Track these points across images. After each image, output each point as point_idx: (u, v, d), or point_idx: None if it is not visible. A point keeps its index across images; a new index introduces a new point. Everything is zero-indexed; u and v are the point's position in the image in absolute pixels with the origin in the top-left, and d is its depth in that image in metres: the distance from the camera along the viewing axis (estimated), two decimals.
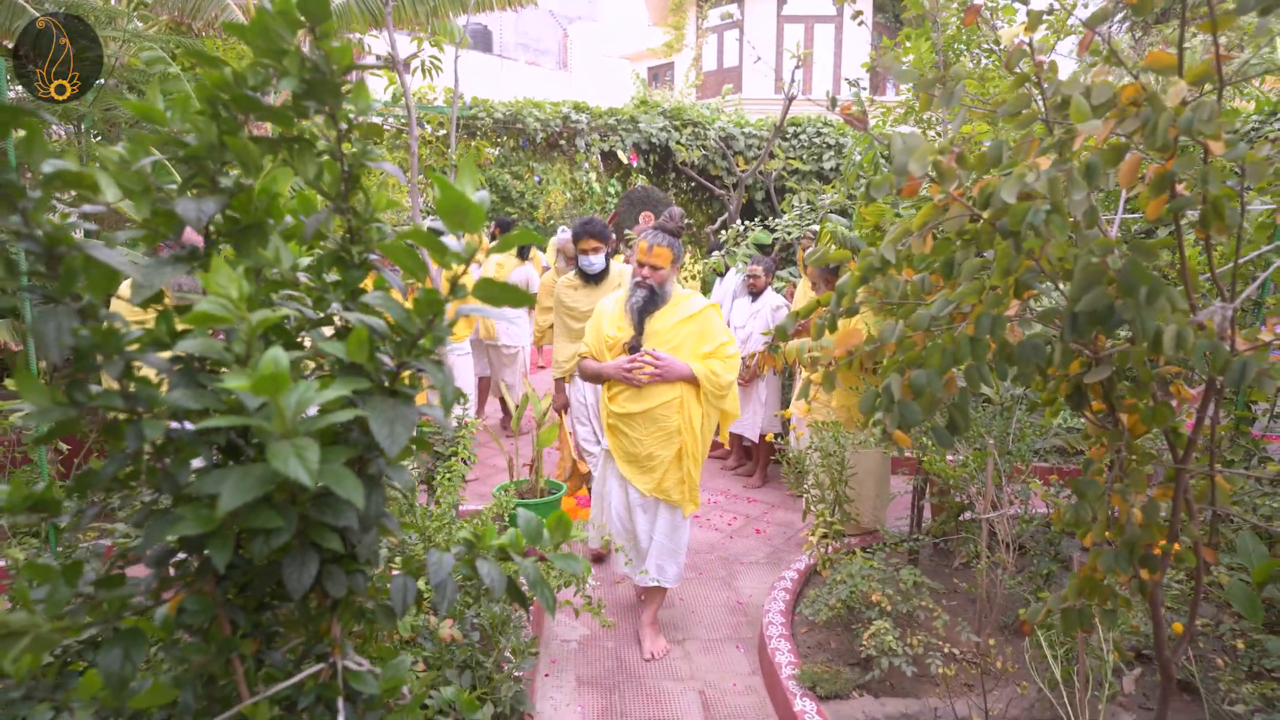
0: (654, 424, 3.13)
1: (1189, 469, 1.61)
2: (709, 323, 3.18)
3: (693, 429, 3.16)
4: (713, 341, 3.16)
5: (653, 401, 3.11)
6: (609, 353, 3.20)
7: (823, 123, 7.08)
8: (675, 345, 3.14)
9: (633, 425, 3.15)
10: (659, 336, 3.16)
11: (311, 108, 1.03)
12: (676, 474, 3.20)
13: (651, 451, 3.16)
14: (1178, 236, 1.39)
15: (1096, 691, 2.54)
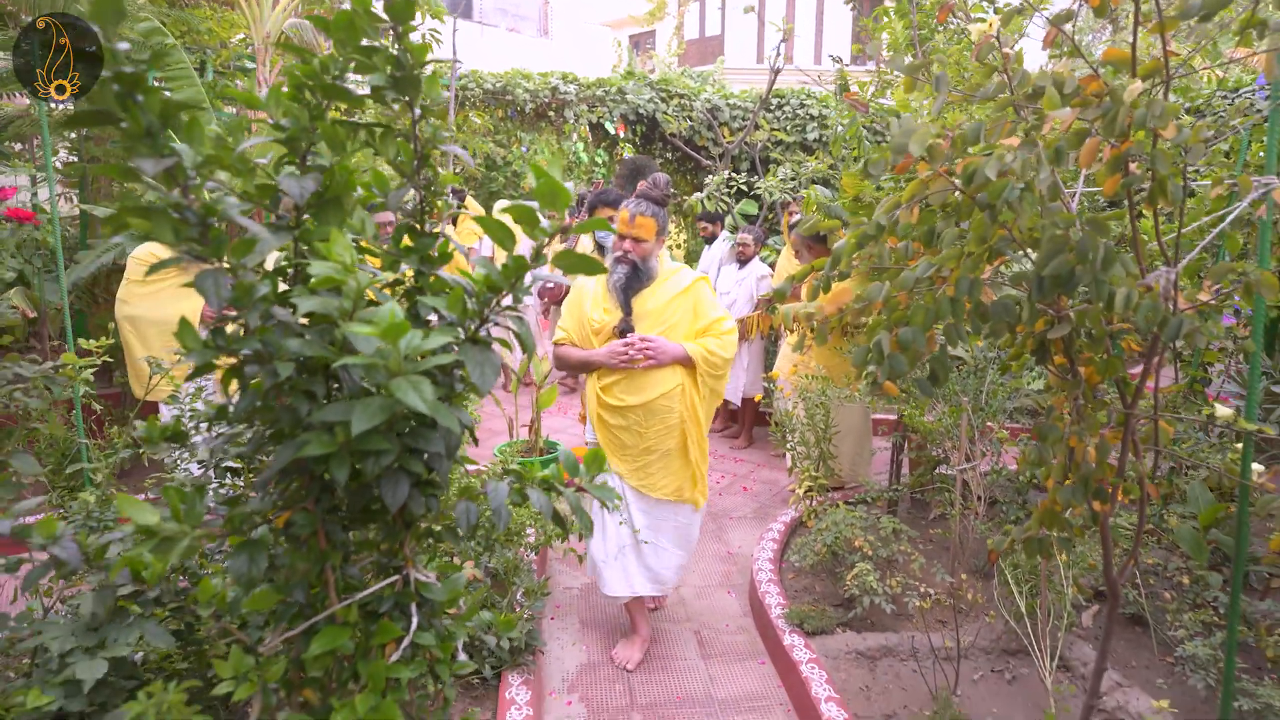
0: (654, 416, 2.84)
1: (1136, 414, 1.84)
2: (701, 297, 2.94)
3: (696, 417, 2.90)
4: (707, 317, 2.91)
5: (653, 392, 2.81)
6: (595, 339, 2.89)
7: (806, 95, 7.22)
8: (670, 325, 2.86)
9: (630, 419, 2.85)
10: (652, 317, 2.86)
11: (390, 96, 1.19)
12: (685, 469, 2.92)
13: (651, 446, 2.86)
14: (1130, 210, 1.59)
15: (1057, 623, 2.81)
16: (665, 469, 2.90)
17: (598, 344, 2.89)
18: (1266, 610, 2.78)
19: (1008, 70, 1.57)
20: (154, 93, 0.90)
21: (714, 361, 2.88)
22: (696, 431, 2.91)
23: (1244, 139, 3.41)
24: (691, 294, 2.92)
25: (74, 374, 1.78)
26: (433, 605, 1.37)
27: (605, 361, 2.82)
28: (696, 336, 2.89)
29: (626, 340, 2.80)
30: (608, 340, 2.87)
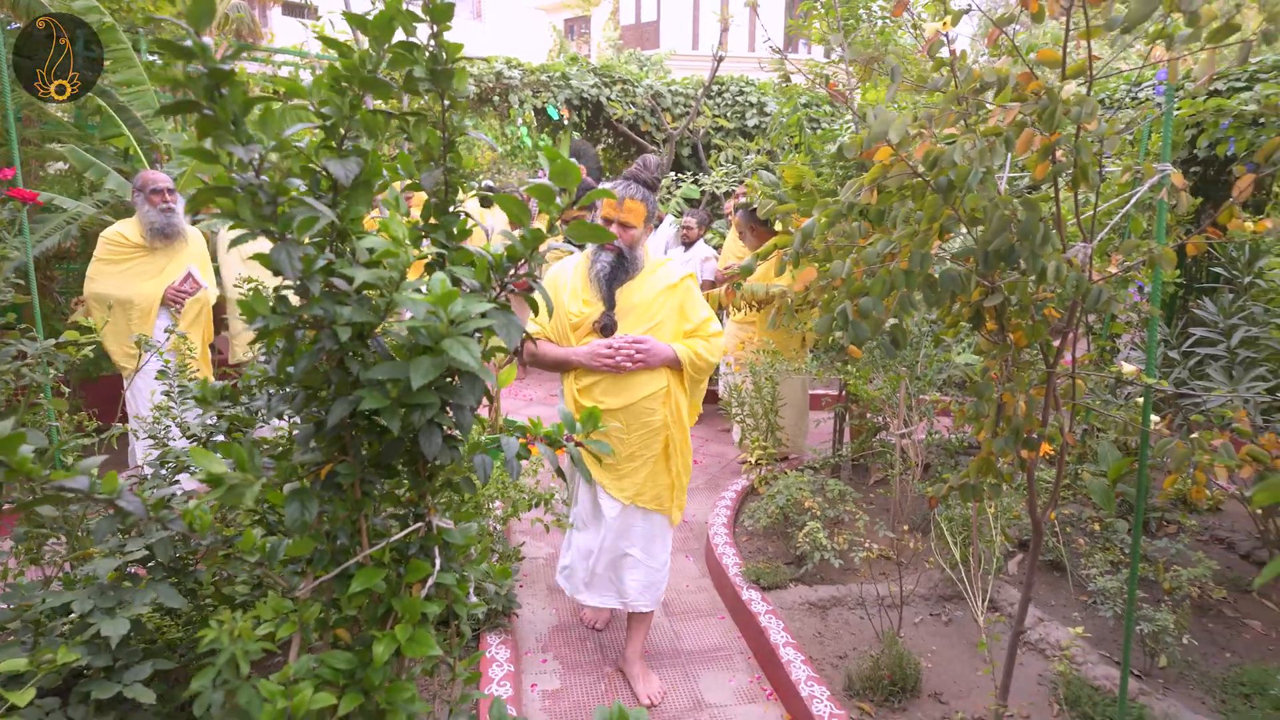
0: (637, 420, 2.61)
1: (1057, 374, 2.09)
2: (690, 294, 2.70)
3: (680, 422, 2.69)
4: (695, 317, 2.68)
5: (637, 394, 2.58)
6: (573, 334, 2.63)
7: (745, 82, 7.44)
8: (657, 322, 2.62)
9: (610, 423, 2.59)
10: (638, 312, 2.61)
11: (424, 87, 1.31)
12: (665, 477, 2.70)
13: (634, 452, 2.63)
14: (1055, 192, 1.83)
15: (987, 569, 3.10)
16: (647, 476, 2.67)
17: (575, 340, 2.62)
18: (1162, 548, 3.13)
19: (954, 66, 1.78)
20: (238, 86, 1.01)
21: (700, 366, 2.67)
22: (680, 437, 2.69)
23: (1145, 130, 3.76)
24: (680, 291, 2.68)
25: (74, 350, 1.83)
26: (451, 550, 1.51)
27: (585, 363, 2.56)
28: (683, 338, 2.67)
29: (608, 342, 2.55)
30: (587, 336, 2.62)
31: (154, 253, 3.71)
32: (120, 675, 1.69)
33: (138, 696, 1.63)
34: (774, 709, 2.69)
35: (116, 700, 1.66)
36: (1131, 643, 2.29)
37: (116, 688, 1.63)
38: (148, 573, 1.87)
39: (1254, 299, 3.30)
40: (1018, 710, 2.48)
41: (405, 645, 1.33)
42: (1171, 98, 1.99)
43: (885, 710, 2.55)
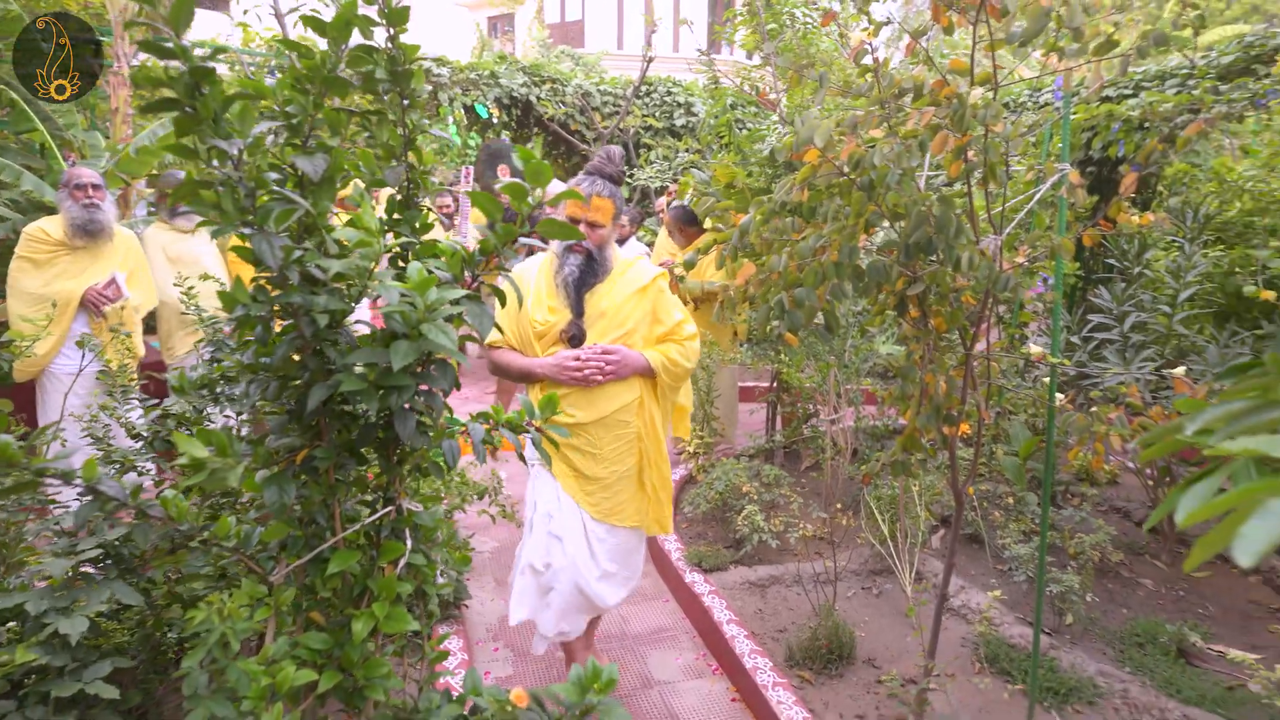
0: (609, 433, 2.42)
1: (974, 356, 2.28)
2: (662, 296, 2.52)
3: (655, 433, 2.52)
4: (668, 320, 2.50)
5: (609, 407, 2.40)
6: (538, 343, 2.40)
7: (672, 83, 7.60)
8: (628, 329, 2.43)
9: (581, 438, 2.41)
10: (607, 318, 2.41)
11: (384, 87, 1.37)
12: (640, 492, 2.52)
13: (609, 468, 2.45)
14: (968, 188, 2.00)
15: (913, 543, 3.31)
16: (624, 492, 2.48)
17: (541, 349, 2.41)
18: (1068, 517, 3.41)
19: (879, 74, 1.94)
20: (218, 84, 1.06)
21: (677, 373, 2.50)
22: (655, 450, 2.52)
23: (1047, 132, 4.06)
24: (651, 292, 2.49)
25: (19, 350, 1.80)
26: (420, 532, 1.57)
27: (551, 376, 2.35)
28: (656, 342, 2.50)
29: (576, 354, 2.35)
30: (553, 345, 2.41)
31: (76, 251, 3.58)
32: (79, 674, 1.68)
33: (100, 692, 1.63)
34: (720, 683, 2.82)
35: (75, 699, 1.66)
36: (1043, 603, 2.50)
37: (77, 685, 1.63)
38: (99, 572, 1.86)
39: (1143, 287, 3.62)
40: (944, 669, 2.67)
41: (383, 622, 1.39)
42: (1069, 103, 2.20)
43: (824, 677, 2.71)
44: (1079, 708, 2.52)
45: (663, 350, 2.47)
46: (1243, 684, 2.60)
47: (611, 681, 1.24)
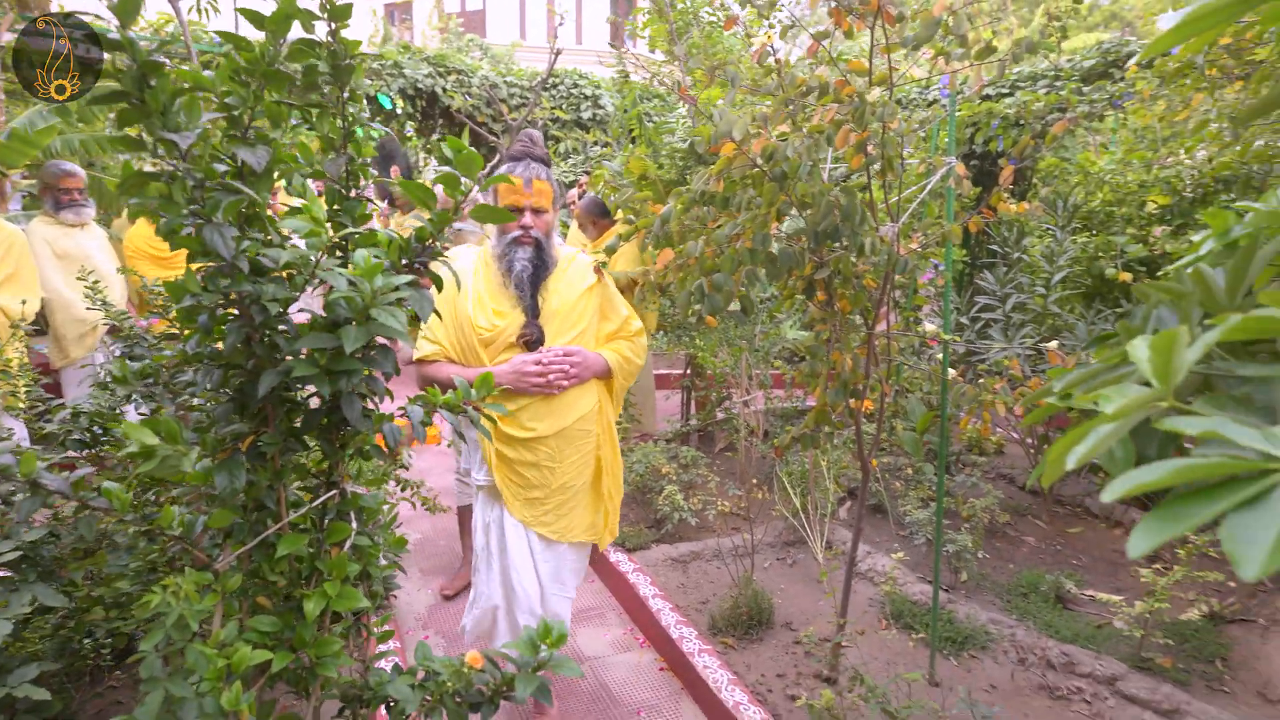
0: (570, 445, 2.21)
1: (876, 334, 2.47)
2: (610, 291, 2.37)
3: (612, 438, 2.37)
4: (616, 316, 2.36)
5: (570, 416, 2.19)
6: (483, 351, 2.15)
7: (578, 75, 7.65)
8: (582, 329, 2.24)
9: (540, 453, 2.17)
10: (561, 317, 2.21)
11: (325, 80, 1.41)
12: (596, 504, 2.36)
13: (566, 483, 2.23)
14: (868, 180, 2.18)
15: (823, 513, 3.52)
16: (579, 506, 2.30)
17: (487, 358, 2.16)
18: (960, 484, 3.70)
19: (781, 72, 2.08)
20: (166, 77, 1.08)
21: (630, 372, 2.35)
22: (611, 455, 2.36)
23: (935, 129, 4.36)
24: (599, 289, 2.32)
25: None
26: (364, 514, 1.62)
27: (510, 385, 2.10)
28: (606, 340, 2.34)
29: (537, 358, 2.12)
30: (504, 352, 2.16)
31: None
32: (3, 679, 1.64)
33: (30, 694, 1.60)
34: (648, 654, 2.94)
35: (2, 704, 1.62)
36: (940, 563, 2.73)
37: (3, 690, 1.60)
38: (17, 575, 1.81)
39: (1021, 271, 3.95)
40: (854, 627, 2.88)
41: (335, 600, 1.44)
42: (954, 102, 2.41)
43: (746, 642, 2.88)
44: (974, 653, 2.77)
45: (616, 349, 2.31)
46: (1109, 622, 2.91)
47: (562, 637, 1.32)
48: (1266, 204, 1.31)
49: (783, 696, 2.55)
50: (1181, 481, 0.68)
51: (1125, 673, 2.59)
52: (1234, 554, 0.59)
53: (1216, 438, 0.69)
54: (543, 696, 1.32)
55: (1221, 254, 1.53)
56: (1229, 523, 0.63)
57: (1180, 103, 3.79)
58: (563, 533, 2.27)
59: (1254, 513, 0.62)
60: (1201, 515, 0.65)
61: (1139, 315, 1.21)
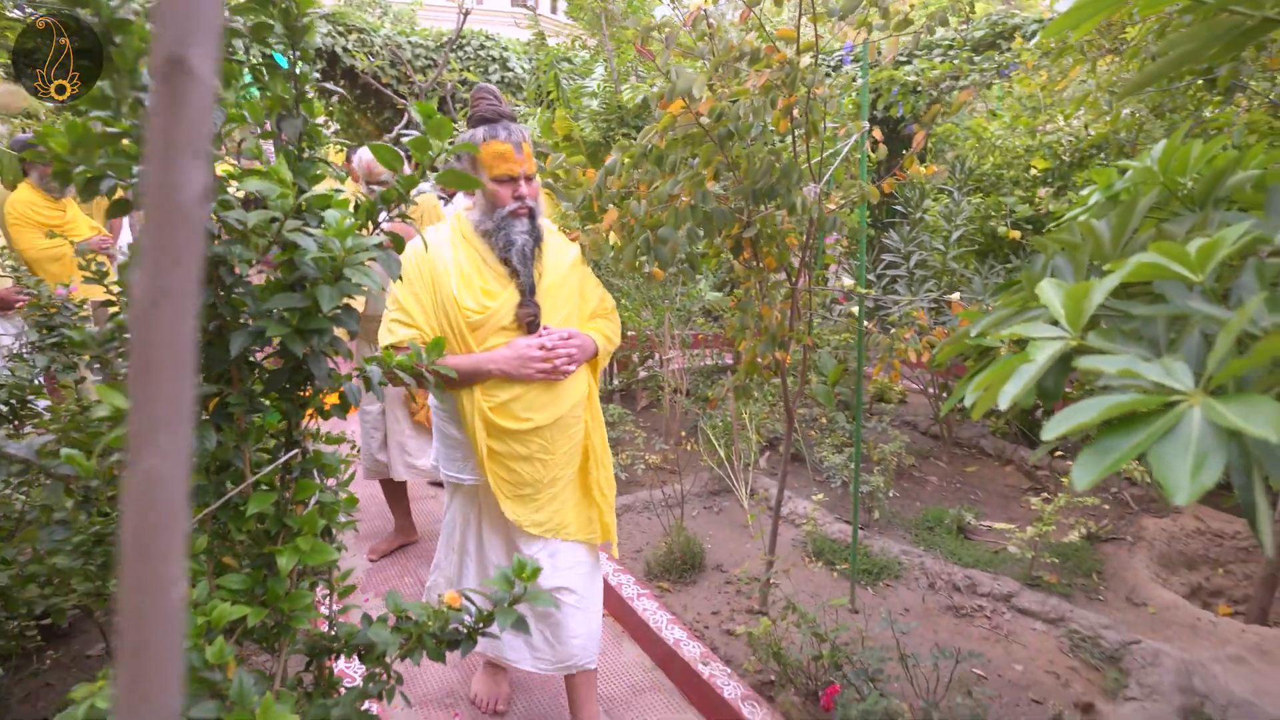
0: (563, 434, 2.05)
1: (799, 289, 2.63)
2: (587, 269, 2.20)
3: (599, 425, 2.20)
4: (594, 294, 2.19)
5: (566, 404, 2.03)
6: (471, 336, 1.94)
7: (485, 37, 7.50)
8: (571, 308, 2.09)
9: (533, 445, 2.00)
10: (550, 296, 2.03)
11: (275, 38, 1.40)
12: (587, 497, 2.18)
13: (557, 475, 2.06)
14: (793, 142, 2.30)
15: (746, 463, 3.71)
16: (570, 499, 2.13)
17: (475, 343, 1.95)
18: (871, 429, 3.96)
19: (713, 38, 2.17)
20: (132, 34, 1.07)
21: (609, 353, 2.20)
22: (600, 444, 2.18)
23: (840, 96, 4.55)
24: (581, 266, 2.15)
25: None
26: (325, 470, 1.65)
27: (510, 372, 1.92)
28: (591, 322, 2.18)
29: (541, 340, 1.95)
30: (495, 336, 1.96)
31: None
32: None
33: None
34: None
35: None
36: (858, 503, 2.96)
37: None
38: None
39: (923, 230, 4.21)
40: (781, 564, 3.08)
41: (306, 555, 1.47)
42: (867, 70, 2.56)
43: (681, 585, 3.04)
44: (889, 582, 3.02)
45: (598, 329, 2.15)
46: (1004, 547, 3.23)
47: (536, 571, 1.41)
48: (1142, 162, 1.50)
49: (719, 631, 2.72)
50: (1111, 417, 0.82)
51: (1019, 590, 2.89)
52: (1164, 483, 0.73)
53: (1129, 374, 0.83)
54: (520, 628, 1.40)
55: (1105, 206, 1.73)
56: (1153, 454, 0.76)
57: (1059, 74, 4.10)
58: (557, 529, 2.10)
59: (1171, 442, 0.76)
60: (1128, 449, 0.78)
61: (1039, 264, 1.38)
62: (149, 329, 0.34)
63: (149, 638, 0.36)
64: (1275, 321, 0.86)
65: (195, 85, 0.33)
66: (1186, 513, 3.45)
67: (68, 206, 4.41)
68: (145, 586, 0.36)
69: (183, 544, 0.37)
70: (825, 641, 2.28)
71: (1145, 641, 2.53)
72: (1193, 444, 0.76)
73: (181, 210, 0.34)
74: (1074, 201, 3.74)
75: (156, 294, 0.33)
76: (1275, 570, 2.80)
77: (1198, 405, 0.78)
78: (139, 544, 0.35)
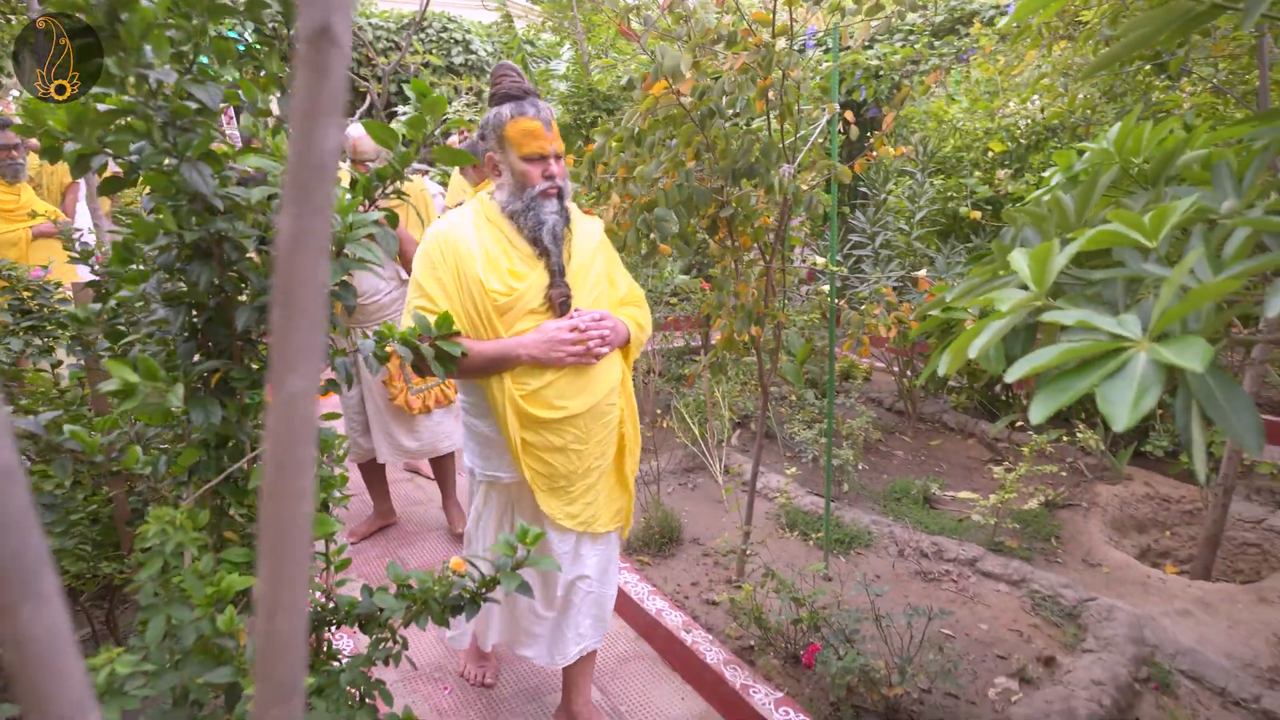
0: (597, 423, 1.97)
1: (773, 266, 2.71)
2: (613, 251, 2.12)
3: (633, 413, 2.11)
4: (623, 281, 2.12)
5: (601, 390, 1.95)
6: (498, 320, 1.86)
7: (447, 19, 7.43)
8: (601, 290, 2.01)
9: (568, 435, 1.92)
10: (578, 279, 1.95)
11: (269, 14, 1.42)
12: (621, 487, 2.12)
13: (591, 465, 1.99)
14: (768, 123, 2.37)
15: (720, 440, 3.80)
16: (604, 490, 2.07)
17: (502, 328, 1.87)
18: (839, 405, 4.08)
19: (690, 20, 2.22)
20: (138, 12, 1.09)
21: (642, 341, 2.11)
22: (633, 432, 2.11)
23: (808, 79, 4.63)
24: (605, 246, 2.07)
25: None
26: (323, 445, 1.68)
27: (539, 357, 1.84)
28: (621, 307, 2.08)
29: (573, 322, 1.87)
30: (523, 320, 1.88)
31: None
32: None
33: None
34: None
35: None
36: (831, 476, 3.06)
37: None
38: None
39: (887, 211, 4.32)
40: (756, 537, 3.18)
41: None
42: (838, 53, 2.64)
43: (660, 558, 3.11)
44: (860, 550, 3.14)
45: (630, 316, 2.06)
46: (968, 515, 3.37)
47: (540, 535, 1.47)
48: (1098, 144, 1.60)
49: (699, 601, 2.81)
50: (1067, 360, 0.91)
51: (983, 554, 3.02)
52: (1107, 412, 0.82)
53: (1086, 325, 0.92)
54: (524, 591, 1.46)
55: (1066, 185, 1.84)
56: (1101, 391, 0.85)
57: (1015, 58, 4.23)
58: (589, 522, 2.03)
59: (1117, 380, 0.85)
60: (1081, 387, 0.87)
61: (1008, 236, 1.48)
62: (292, 266, 0.39)
63: (285, 540, 0.42)
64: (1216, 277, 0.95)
65: (337, 52, 0.37)
66: (1137, 480, 3.63)
67: (22, 191, 4.31)
68: (284, 495, 0.41)
69: (314, 459, 0.42)
70: (803, 606, 2.37)
71: (1100, 599, 2.68)
72: (1135, 380, 0.86)
73: (321, 164, 0.38)
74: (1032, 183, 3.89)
75: (299, 235, 0.38)
76: (1217, 531, 2.98)
77: (1143, 350, 0.87)
78: (279, 458, 0.41)
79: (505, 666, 2.63)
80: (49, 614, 0.32)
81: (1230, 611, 2.69)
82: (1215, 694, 2.32)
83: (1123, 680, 2.28)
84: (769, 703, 2.25)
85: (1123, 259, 1.19)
